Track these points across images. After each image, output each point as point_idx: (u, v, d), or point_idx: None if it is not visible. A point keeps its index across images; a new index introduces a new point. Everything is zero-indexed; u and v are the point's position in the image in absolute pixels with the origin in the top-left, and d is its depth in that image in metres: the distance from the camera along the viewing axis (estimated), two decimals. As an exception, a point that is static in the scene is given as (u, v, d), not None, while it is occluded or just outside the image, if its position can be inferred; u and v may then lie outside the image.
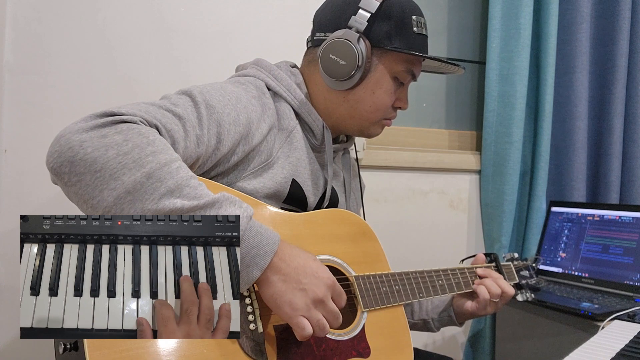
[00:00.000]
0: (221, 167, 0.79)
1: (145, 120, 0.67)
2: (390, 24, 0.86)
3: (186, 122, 0.72)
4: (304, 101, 0.90)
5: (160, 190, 0.62)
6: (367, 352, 0.83)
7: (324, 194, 0.93)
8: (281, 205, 0.86)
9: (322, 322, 0.68)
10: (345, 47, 0.84)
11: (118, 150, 0.61)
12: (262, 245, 0.66)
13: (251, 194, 0.80)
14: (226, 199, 0.66)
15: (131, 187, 0.61)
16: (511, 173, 1.60)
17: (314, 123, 0.91)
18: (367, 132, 0.95)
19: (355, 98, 0.89)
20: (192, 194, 0.64)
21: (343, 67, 0.85)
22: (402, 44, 0.87)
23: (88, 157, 0.61)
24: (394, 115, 0.95)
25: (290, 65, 0.95)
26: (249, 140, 0.80)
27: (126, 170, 0.61)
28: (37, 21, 1.17)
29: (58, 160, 0.61)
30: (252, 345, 0.69)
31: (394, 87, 0.91)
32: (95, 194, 0.61)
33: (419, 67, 0.93)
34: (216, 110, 0.75)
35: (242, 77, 0.89)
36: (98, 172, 0.61)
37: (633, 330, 0.96)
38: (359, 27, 0.85)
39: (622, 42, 1.65)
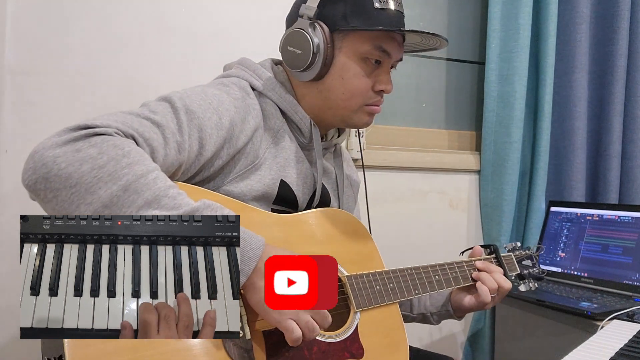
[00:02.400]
0: (206, 172, 0.78)
1: (121, 131, 0.66)
2: (346, 5, 0.83)
3: (165, 129, 0.70)
4: (289, 99, 0.88)
5: (137, 203, 0.61)
6: (360, 352, 0.81)
7: (315, 192, 0.92)
8: (271, 206, 0.85)
9: (311, 323, 0.67)
10: (298, 36, 0.83)
11: (93, 164, 0.60)
12: (246, 250, 0.65)
13: (238, 197, 0.79)
14: (207, 206, 0.65)
15: (108, 200, 0.60)
16: (510, 173, 1.60)
17: (300, 121, 0.89)
18: (351, 122, 0.91)
19: (326, 87, 0.87)
20: (171, 204, 0.63)
21: (300, 56, 0.84)
22: (361, 21, 0.83)
23: (62, 172, 0.60)
24: (377, 99, 0.89)
25: (275, 62, 0.94)
26: (233, 143, 0.79)
27: (102, 184, 0.60)
28: (37, 21, 1.17)
29: (32, 177, 0.61)
30: (240, 353, 0.68)
31: (366, 69, 0.86)
32: (72, 209, 0.60)
33: (392, 43, 0.86)
34: (197, 115, 0.74)
35: (227, 77, 0.88)
36: (74, 187, 0.60)
37: (632, 330, 0.96)
38: (309, 14, 0.83)
39: (622, 42, 1.66)
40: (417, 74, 1.72)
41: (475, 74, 1.79)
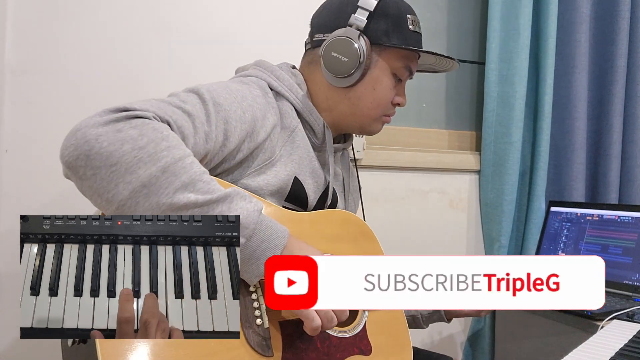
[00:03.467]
0: (226, 164, 0.80)
1: (158, 115, 0.68)
2: (388, 22, 0.89)
3: (195, 118, 0.73)
4: (305, 100, 0.91)
5: (175, 185, 0.63)
6: (368, 349, 0.84)
7: (324, 192, 0.94)
8: (283, 203, 0.87)
9: (330, 314, 0.70)
10: (347, 44, 0.86)
11: (133, 145, 0.62)
12: (272, 238, 0.68)
13: (255, 191, 0.81)
14: (237, 193, 0.68)
15: (147, 180, 0.62)
16: (510, 173, 1.60)
17: (315, 122, 0.92)
18: (367, 129, 0.97)
19: (357, 95, 0.91)
20: (205, 189, 0.65)
21: (345, 63, 0.87)
22: (400, 41, 0.89)
23: (104, 150, 0.61)
24: (393, 112, 0.97)
25: (290, 66, 0.97)
26: (254, 137, 0.81)
27: (142, 164, 0.62)
28: (37, 21, 1.17)
29: (74, 153, 0.62)
30: (258, 340, 0.70)
31: (393, 83, 0.93)
32: (111, 187, 0.62)
33: (415, 64, 0.95)
34: (223, 108, 0.77)
35: (245, 77, 0.90)
36: (114, 165, 0.61)
37: (632, 330, 0.96)
38: (359, 25, 0.87)
39: (622, 42, 1.65)
40: (417, 74, 1.72)
41: (475, 74, 1.79)
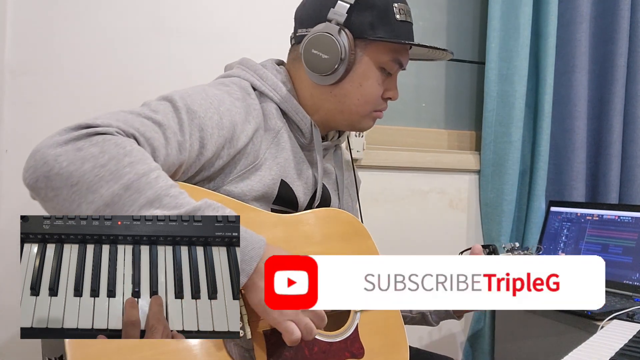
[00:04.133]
0: (206, 172, 0.78)
1: (122, 130, 0.66)
2: (372, 14, 0.84)
3: (167, 129, 0.70)
4: (290, 99, 0.88)
5: (139, 202, 0.61)
6: (360, 352, 0.81)
7: (315, 192, 0.92)
8: (271, 206, 0.85)
9: (309, 325, 0.68)
10: (327, 40, 0.83)
11: (94, 163, 0.60)
12: (247, 250, 0.65)
13: (238, 197, 0.79)
14: (208, 205, 0.65)
15: (109, 199, 0.60)
16: (510, 173, 1.60)
17: (301, 121, 0.89)
18: (358, 126, 0.93)
19: (343, 92, 0.88)
20: (173, 204, 0.63)
21: (326, 61, 0.83)
22: (386, 33, 0.85)
23: (64, 171, 0.60)
24: (384, 106, 0.93)
25: (276, 62, 0.94)
26: (233, 143, 0.79)
27: (103, 182, 0.60)
28: (37, 21, 1.17)
29: (34, 175, 0.61)
30: (241, 352, 0.68)
31: (381, 78, 0.89)
32: (73, 208, 0.60)
33: (406, 56, 0.91)
34: (198, 115, 0.74)
35: (227, 77, 0.88)
36: (75, 185, 0.60)
37: (632, 330, 0.96)
38: (338, 19, 0.83)
39: (622, 41, 1.65)
40: (417, 73, 1.72)
41: (475, 73, 1.79)
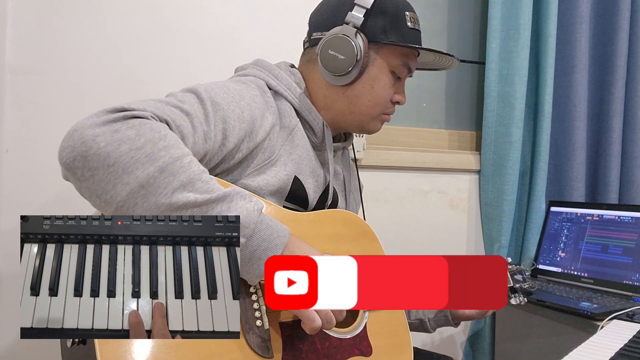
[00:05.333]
0: (226, 164, 0.80)
1: (156, 115, 0.68)
2: (385, 19, 0.88)
3: (194, 118, 0.73)
4: (304, 99, 0.91)
5: (173, 185, 0.63)
6: (369, 350, 0.84)
7: (325, 192, 0.94)
8: (283, 203, 0.87)
9: (329, 315, 0.69)
10: (344, 42, 0.86)
11: (131, 145, 0.62)
12: (273, 237, 0.68)
13: (255, 191, 0.81)
14: (237, 192, 0.67)
15: (144, 181, 0.62)
16: (511, 173, 1.60)
17: (314, 121, 0.91)
18: (367, 128, 0.96)
19: (355, 93, 0.91)
20: (204, 188, 0.65)
21: (342, 61, 0.87)
22: (398, 38, 0.89)
23: (101, 151, 0.61)
24: (392, 110, 0.96)
25: (289, 65, 0.96)
26: (253, 137, 0.81)
27: (139, 164, 0.62)
28: (37, 21, 1.17)
29: (71, 154, 0.61)
30: (258, 342, 0.70)
31: (392, 81, 0.92)
32: (109, 188, 0.61)
33: (414, 62, 0.94)
34: (221, 107, 0.76)
35: (243, 76, 0.90)
36: (111, 166, 0.61)
37: (632, 330, 0.96)
38: (355, 22, 0.86)
39: (622, 42, 1.65)
40: (417, 73, 1.71)
41: (475, 74, 1.79)
